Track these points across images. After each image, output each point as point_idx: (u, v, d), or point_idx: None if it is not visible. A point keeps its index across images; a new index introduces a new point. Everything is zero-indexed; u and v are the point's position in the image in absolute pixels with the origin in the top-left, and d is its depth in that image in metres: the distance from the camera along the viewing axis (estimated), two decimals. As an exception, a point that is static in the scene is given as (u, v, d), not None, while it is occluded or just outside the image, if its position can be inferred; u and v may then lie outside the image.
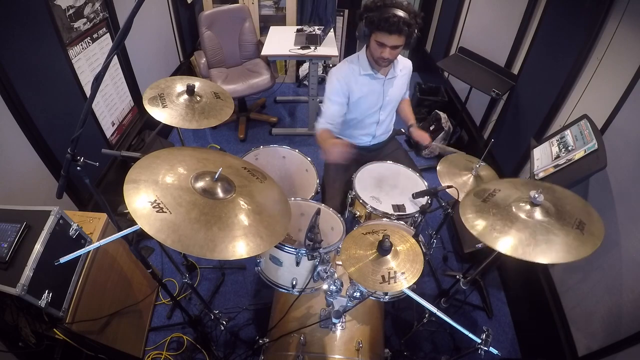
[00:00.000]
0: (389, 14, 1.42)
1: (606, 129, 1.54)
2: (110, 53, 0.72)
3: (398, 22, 1.41)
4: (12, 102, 1.55)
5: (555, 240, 0.98)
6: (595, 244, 0.99)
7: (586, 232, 1.01)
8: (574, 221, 1.03)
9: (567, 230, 1.00)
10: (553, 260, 0.96)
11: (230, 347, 1.80)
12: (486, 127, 2.79)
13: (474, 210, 1.09)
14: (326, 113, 1.71)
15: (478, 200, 1.13)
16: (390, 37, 1.47)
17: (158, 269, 2.13)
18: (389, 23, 1.42)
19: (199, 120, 1.37)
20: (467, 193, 1.20)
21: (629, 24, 1.51)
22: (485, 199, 1.13)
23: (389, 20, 1.42)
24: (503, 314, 2.02)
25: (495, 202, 1.12)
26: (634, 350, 1.27)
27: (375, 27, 1.47)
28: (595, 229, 1.02)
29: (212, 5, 3.50)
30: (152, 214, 0.85)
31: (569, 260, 0.95)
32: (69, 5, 1.89)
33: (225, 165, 1.08)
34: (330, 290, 1.23)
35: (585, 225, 1.02)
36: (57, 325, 1.21)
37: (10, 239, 1.10)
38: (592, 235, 1.00)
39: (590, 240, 0.99)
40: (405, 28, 1.43)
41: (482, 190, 1.18)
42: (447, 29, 3.50)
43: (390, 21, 1.42)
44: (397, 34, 1.45)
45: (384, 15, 1.42)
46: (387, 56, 1.54)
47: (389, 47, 1.51)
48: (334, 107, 1.71)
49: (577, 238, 0.99)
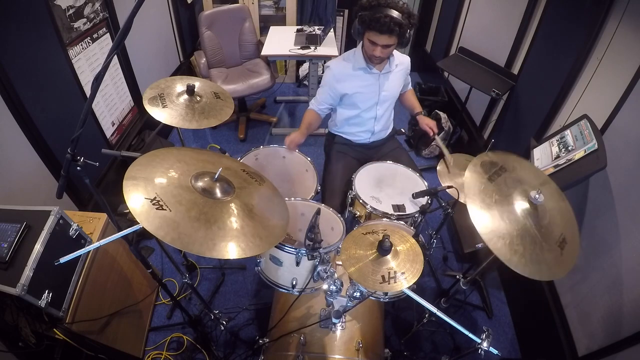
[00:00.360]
0: (380, 14, 1.44)
1: (606, 129, 1.54)
2: (110, 53, 0.72)
3: (389, 23, 1.44)
4: (12, 102, 1.55)
5: (540, 256, 0.98)
6: (566, 269, 0.99)
7: (564, 253, 1.00)
8: (559, 237, 1.02)
9: (550, 246, 1.00)
10: (529, 274, 0.95)
11: (230, 347, 1.80)
12: (486, 127, 2.79)
13: (478, 190, 1.04)
14: (317, 96, 1.85)
15: (484, 175, 1.08)
16: (381, 36, 1.50)
17: (158, 269, 2.13)
18: (379, 23, 1.45)
19: (199, 120, 1.37)
20: (475, 163, 1.12)
21: (629, 24, 1.51)
22: (492, 176, 1.09)
23: (379, 20, 1.45)
24: (503, 314, 2.02)
25: (500, 185, 1.07)
26: (634, 350, 1.27)
27: (367, 26, 1.51)
28: (571, 252, 1.02)
29: (212, 5, 3.50)
30: (151, 211, 0.85)
31: (541, 279, 0.96)
32: (69, 5, 1.89)
33: (225, 167, 1.08)
34: (330, 290, 1.23)
35: (566, 246, 1.02)
36: (57, 325, 1.21)
37: (10, 239, 1.10)
38: (567, 259, 1.00)
39: (563, 264, 0.99)
40: (396, 28, 1.46)
41: (490, 164, 1.12)
42: (447, 29, 3.50)
43: (381, 21, 1.44)
44: (388, 34, 1.48)
45: (376, 15, 1.45)
46: (378, 54, 1.58)
47: (380, 46, 1.54)
48: (324, 95, 1.81)
49: (556, 258, 0.99)
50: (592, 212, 1.60)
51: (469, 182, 1.05)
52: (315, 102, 1.85)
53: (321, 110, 1.85)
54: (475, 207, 1.01)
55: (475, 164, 1.11)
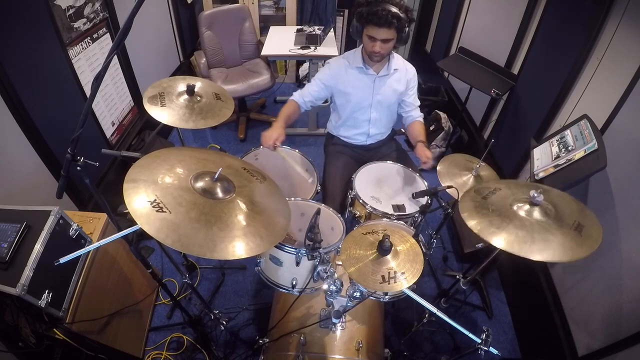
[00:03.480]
0: (378, 8, 1.47)
1: (606, 129, 1.54)
2: (110, 53, 0.72)
3: (387, 15, 1.46)
4: (12, 102, 1.55)
5: (553, 240, 0.98)
6: (592, 247, 0.99)
7: (584, 234, 1.01)
8: (572, 223, 1.03)
9: (565, 230, 1.01)
10: (549, 258, 0.96)
11: (230, 347, 1.80)
12: (486, 127, 2.79)
13: (474, 206, 1.10)
14: (305, 88, 1.81)
15: (478, 196, 1.14)
16: (380, 30, 1.51)
17: (158, 269, 2.13)
18: (377, 16, 1.47)
19: (196, 120, 1.38)
20: (467, 190, 1.21)
21: (629, 24, 1.51)
22: (486, 196, 1.14)
23: (377, 13, 1.47)
24: (503, 314, 2.02)
25: (495, 200, 1.12)
26: (634, 350, 1.27)
27: (365, 20, 1.52)
28: (593, 232, 1.02)
29: (212, 5, 3.50)
30: (151, 213, 0.85)
31: (566, 260, 0.96)
32: (69, 5, 1.89)
33: (225, 165, 1.08)
34: (330, 290, 1.23)
35: (584, 228, 1.02)
36: (57, 325, 1.21)
37: (10, 239, 1.10)
38: (589, 238, 1.01)
39: (587, 243, 0.99)
40: (394, 21, 1.48)
41: (482, 188, 1.18)
42: (447, 29, 3.50)
43: (379, 14, 1.46)
44: (387, 27, 1.49)
45: (374, 8, 1.48)
46: (377, 49, 1.57)
47: (380, 40, 1.54)
48: (313, 86, 1.78)
49: (575, 239, 0.99)
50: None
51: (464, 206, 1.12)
52: (300, 94, 1.80)
53: (304, 102, 1.79)
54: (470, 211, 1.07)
55: (468, 192, 1.19)
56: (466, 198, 1.15)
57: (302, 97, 1.79)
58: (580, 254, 0.97)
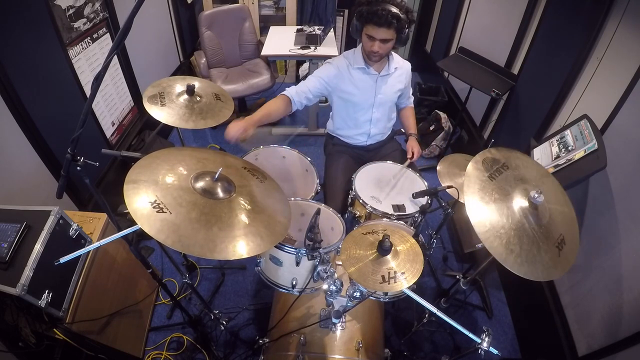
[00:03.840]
0: (378, 7, 1.47)
1: (606, 129, 1.54)
2: (110, 53, 0.72)
3: (386, 15, 1.46)
4: (12, 102, 1.55)
5: (536, 256, 0.97)
6: (564, 269, 0.98)
7: (562, 253, 1.00)
8: (557, 237, 1.02)
9: (548, 247, 0.99)
10: (524, 274, 0.95)
11: (230, 347, 1.80)
12: (486, 127, 2.79)
13: (477, 188, 1.02)
14: (302, 84, 1.70)
15: (484, 173, 1.07)
16: (379, 29, 1.50)
17: (158, 269, 2.13)
18: (377, 16, 1.47)
19: (196, 120, 1.38)
20: (476, 160, 1.10)
21: (629, 24, 1.51)
22: (492, 174, 1.07)
23: (377, 12, 1.46)
24: (503, 314, 2.02)
25: (501, 183, 1.06)
26: (634, 350, 1.27)
27: (365, 19, 1.52)
28: (569, 251, 1.01)
29: (212, 5, 3.50)
30: (152, 214, 0.85)
31: (536, 279, 0.95)
32: (69, 5, 1.89)
33: (225, 165, 1.08)
34: (330, 290, 1.23)
35: (564, 246, 1.01)
36: (57, 325, 1.21)
37: (10, 239, 1.10)
38: (565, 259, 1.00)
39: (562, 264, 0.98)
40: (393, 21, 1.47)
41: (493, 161, 1.11)
42: (447, 29, 3.50)
43: (379, 14, 1.46)
44: (386, 26, 1.49)
45: (374, 8, 1.47)
46: (376, 49, 1.57)
47: (379, 40, 1.54)
48: (313, 82, 1.70)
49: (553, 259, 0.98)
50: (592, 212, 1.60)
51: (469, 179, 1.04)
52: (295, 89, 1.67)
53: (299, 99, 1.66)
54: (473, 205, 1.00)
55: (477, 161, 1.10)
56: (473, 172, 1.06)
57: (297, 92, 1.66)
58: (553, 275, 0.96)
